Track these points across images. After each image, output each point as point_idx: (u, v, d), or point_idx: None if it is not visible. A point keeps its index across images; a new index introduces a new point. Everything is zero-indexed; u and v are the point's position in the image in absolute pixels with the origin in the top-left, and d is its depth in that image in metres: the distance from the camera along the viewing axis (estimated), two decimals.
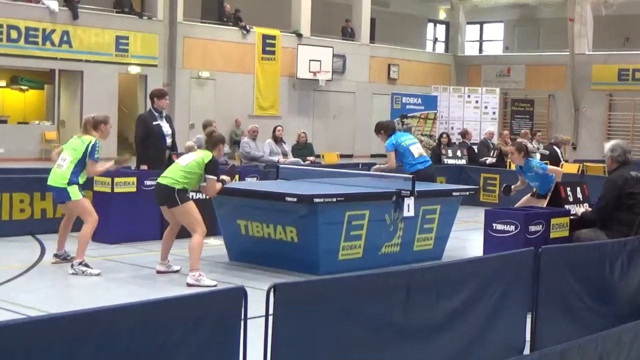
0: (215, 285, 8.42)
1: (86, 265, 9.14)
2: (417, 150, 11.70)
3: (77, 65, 25.18)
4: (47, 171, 9.69)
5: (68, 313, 3.93)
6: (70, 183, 9.22)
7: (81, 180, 9.35)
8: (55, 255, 9.70)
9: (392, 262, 9.54)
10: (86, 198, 9.45)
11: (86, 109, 25.32)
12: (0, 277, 8.79)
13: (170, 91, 23.66)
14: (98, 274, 9.10)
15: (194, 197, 11.08)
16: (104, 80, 25.46)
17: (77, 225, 9.53)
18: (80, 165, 9.27)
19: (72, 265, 9.16)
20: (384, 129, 12.02)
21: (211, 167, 8.89)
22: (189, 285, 8.57)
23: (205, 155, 8.93)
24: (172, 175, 8.88)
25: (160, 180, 8.99)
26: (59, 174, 9.28)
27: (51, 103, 25.94)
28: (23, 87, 27.38)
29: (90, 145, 9.27)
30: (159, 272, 9.25)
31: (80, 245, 9.18)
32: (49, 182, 9.41)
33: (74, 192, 9.24)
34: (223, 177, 9.19)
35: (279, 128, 18.11)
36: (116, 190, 11.09)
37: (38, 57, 24.35)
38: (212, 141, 9.09)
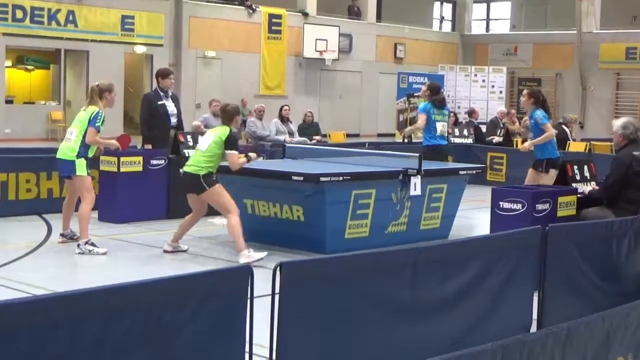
0: (265, 255, 8.67)
1: (92, 244, 9.15)
2: (440, 127, 11.79)
3: (83, 45, 25.15)
4: (54, 150, 9.69)
5: (73, 291, 3.92)
6: (79, 156, 9.21)
7: (90, 153, 9.35)
8: (62, 235, 9.70)
9: (398, 241, 9.52)
10: (89, 177, 9.44)
11: None
12: (7, 256, 8.80)
13: (176, 71, 23.55)
14: (104, 253, 9.11)
15: None
16: (109, 60, 25.41)
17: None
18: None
19: (78, 245, 9.17)
20: (431, 89, 12.18)
21: (230, 142, 8.88)
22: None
23: (222, 132, 8.90)
24: (195, 163, 8.88)
25: (185, 169, 8.99)
26: (68, 147, 9.27)
27: (57, 83, 25.92)
28: (29, 67, 27.36)
29: (93, 114, 9.25)
30: (166, 251, 9.25)
31: (82, 225, 9.16)
32: (57, 156, 9.38)
33: (81, 166, 9.22)
34: (250, 154, 9.18)
35: (285, 107, 18.08)
36: (122, 169, 11.08)
37: (43, 36, 24.31)
38: (227, 115, 9.06)
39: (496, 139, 19.33)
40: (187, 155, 11.67)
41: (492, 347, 3.65)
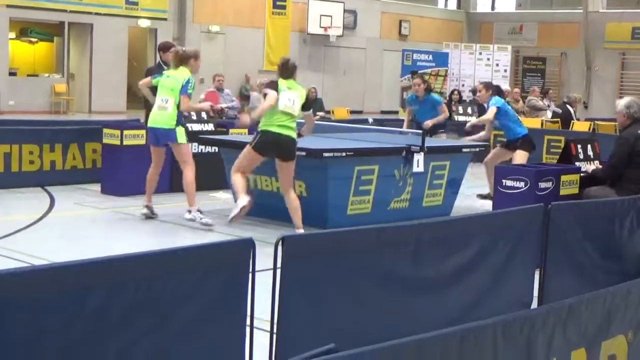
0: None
1: (201, 212, 9.27)
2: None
3: (87, 17, 25.05)
4: (57, 123, 9.69)
5: (76, 262, 3.92)
6: (177, 124, 9.28)
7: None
8: (147, 207, 9.62)
9: (401, 217, 9.53)
10: (189, 144, 9.55)
11: (96, 62, 25.28)
12: (10, 227, 8.82)
13: (179, 45, 23.40)
14: (210, 224, 9.15)
15: (204, 150, 11.13)
16: (113, 34, 25.34)
17: (86, 177, 9.41)
18: None
19: (189, 212, 9.25)
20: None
21: (309, 103, 8.76)
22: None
23: (302, 93, 8.66)
24: (292, 125, 8.53)
25: (280, 130, 8.54)
26: (167, 115, 9.25)
27: (61, 56, 25.85)
28: (32, 40, 27.27)
29: (185, 81, 9.21)
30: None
31: (190, 193, 9.24)
32: (152, 125, 9.38)
33: (181, 134, 9.32)
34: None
35: None
36: (125, 142, 11.07)
37: (48, 9, 24.21)
38: (290, 70, 8.76)
39: None
40: (189, 128, 11.68)
41: (494, 323, 3.65)
